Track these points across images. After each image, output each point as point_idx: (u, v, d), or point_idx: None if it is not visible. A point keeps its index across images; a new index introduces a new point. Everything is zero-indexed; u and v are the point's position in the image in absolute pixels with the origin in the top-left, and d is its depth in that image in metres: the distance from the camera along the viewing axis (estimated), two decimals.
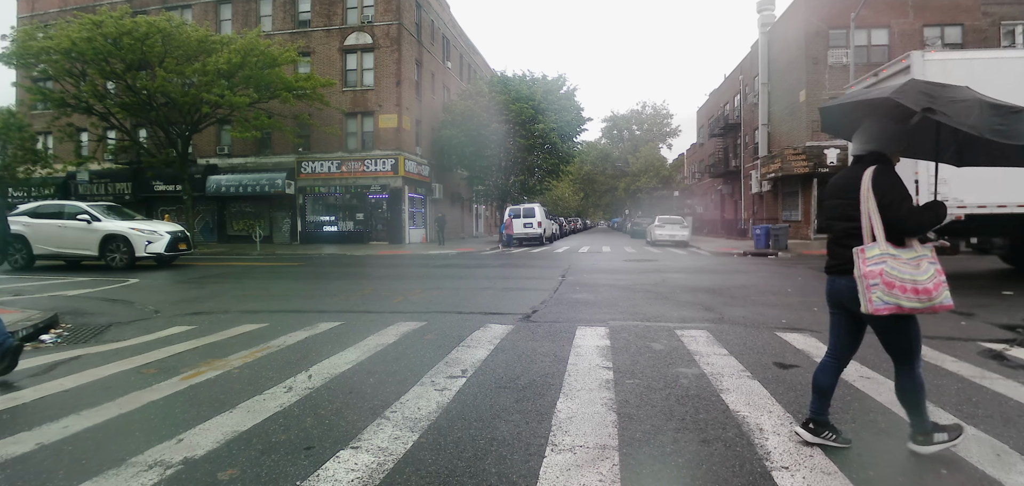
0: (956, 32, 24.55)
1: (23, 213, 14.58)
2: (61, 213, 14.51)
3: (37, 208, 14.78)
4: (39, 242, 14.10)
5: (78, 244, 14.18)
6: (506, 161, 32.01)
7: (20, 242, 13.94)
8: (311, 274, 12.34)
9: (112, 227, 14.23)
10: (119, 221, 14.66)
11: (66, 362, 4.57)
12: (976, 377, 3.83)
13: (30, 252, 14.08)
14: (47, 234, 14.15)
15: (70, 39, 19.48)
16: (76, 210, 14.50)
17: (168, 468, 2.49)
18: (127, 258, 13.99)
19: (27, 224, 14.15)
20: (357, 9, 27.61)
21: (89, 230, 14.11)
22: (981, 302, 7.20)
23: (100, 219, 14.32)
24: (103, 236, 14.09)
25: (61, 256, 14.37)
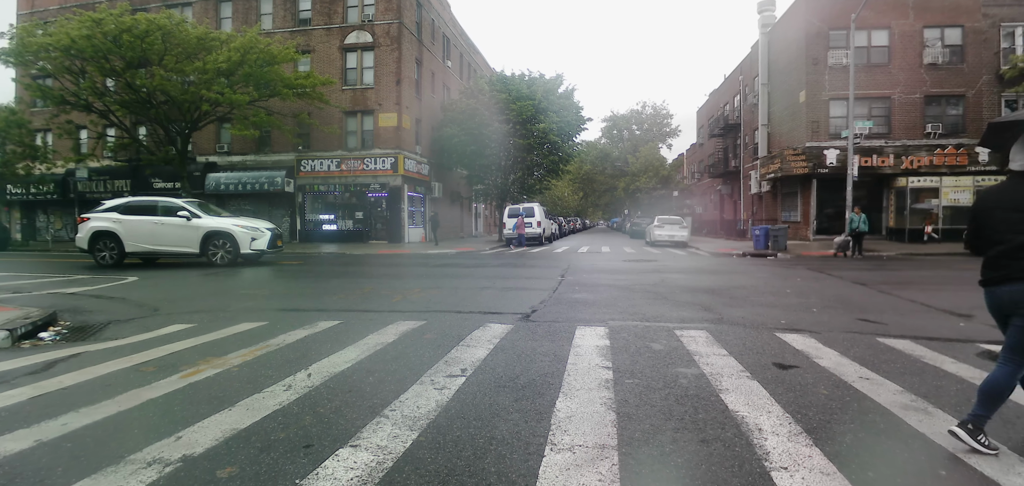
0: (956, 33, 24.57)
1: (111, 209, 14.43)
2: (154, 209, 14.41)
3: (127, 204, 14.58)
4: (132, 239, 13.97)
5: (177, 241, 14.09)
6: (506, 160, 32.00)
7: (110, 239, 13.89)
8: (310, 273, 12.33)
9: (215, 224, 14.23)
10: (217, 218, 14.63)
11: (65, 359, 4.56)
12: (975, 378, 3.83)
13: (122, 249, 13.95)
14: (142, 231, 14.03)
15: (70, 36, 19.46)
16: (172, 206, 14.44)
17: (167, 466, 2.49)
18: (231, 255, 14.06)
19: (117, 220, 14.02)
20: (357, 8, 27.59)
21: (189, 227, 14.06)
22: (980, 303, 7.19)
23: (200, 216, 14.28)
24: (206, 233, 14.07)
25: (157, 253, 14.30)
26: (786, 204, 27.95)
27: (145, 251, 14.16)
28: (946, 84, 24.57)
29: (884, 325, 5.81)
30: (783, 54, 28.42)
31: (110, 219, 14.05)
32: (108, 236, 13.93)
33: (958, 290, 8.69)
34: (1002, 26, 24.60)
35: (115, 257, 13.95)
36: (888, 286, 9.16)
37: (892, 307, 7.03)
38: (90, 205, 30.03)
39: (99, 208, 14.59)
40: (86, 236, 13.92)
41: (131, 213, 14.18)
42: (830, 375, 3.92)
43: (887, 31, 24.66)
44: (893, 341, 5.00)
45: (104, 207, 14.55)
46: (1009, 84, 23.83)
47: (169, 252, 14.25)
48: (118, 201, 14.90)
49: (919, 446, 2.71)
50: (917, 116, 24.61)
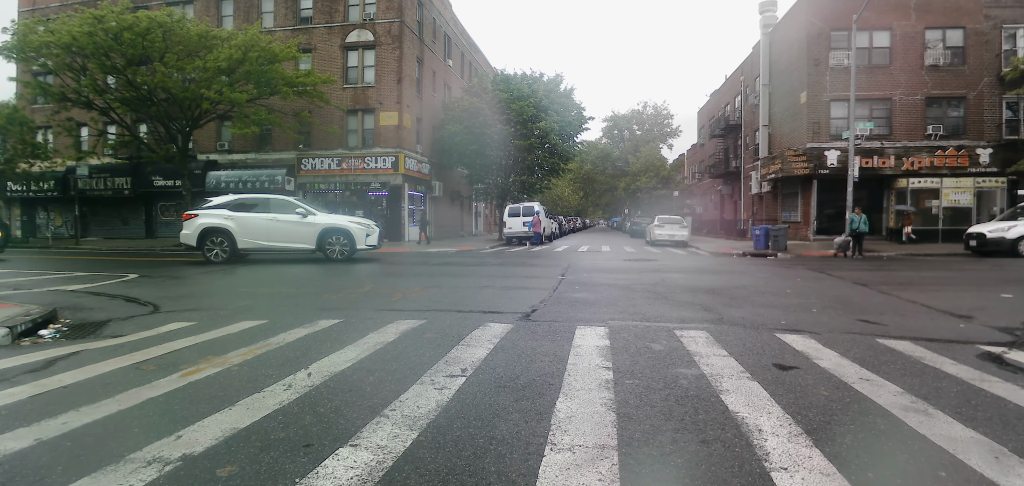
0: (957, 35, 24.58)
1: (220, 206, 14.67)
2: (268, 205, 14.73)
3: (238, 201, 14.89)
4: (246, 236, 14.28)
5: (293, 237, 14.43)
6: (506, 159, 32.00)
7: (222, 235, 14.17)
8: (310, 271, 12.33)
9: (331, 221, 14.68)
10: (331, 215, 15.17)
11: (65, 358, 4.56)
12: (975, 380, 3.83)
13: (234, 245, 14.24)
14: (256, 227, 14.34)
15: (71, 33, 19.48)
16: (285, 204, 14.83)
17: (167, 464, 2.49)
18: (347, 251, 14.52)
19: (229, 217, 14.32)
20: (359, 6, 27.60)
21: (305, 224, 14.41)
22: (980, 305, 7.20)
23: (315, 214, 14.68)
24: (323, 229, 14.45)
25: (271, 250, 14.62)
26: (786, 204, 27.96)
27: (259, 247, 14.53)
28: (947, 85, 24.57)
29: (884, 326, 5.81)
30: (784, 55, 28.41)
31: (221, 216, 14.35)
32: (220, 232, 14.21)
33: (958, 291, 8.69)
34: (1003, 28, 24.59)
35: (227, 253, 14.26)
36: (888, 287, 9.16)
37: (892, 308, 7.03)
38: (91, 203, 30.19)
39: (207, 205, 14.88)
40: (195, 232, 14.18)
41: (243, 210, 14.54)
42: (830, 376, 3.92)
43: (888, 32, 24.66)
44: (893, 342, 5.00)
45: (212, 204, 14.86)
46: (1010, 86, 23.82)
47: (283, 248, 14.61)
48: (227, 198, 15.23)
49: (919, 447, 2.71)
50: (918, 117, 24.61)
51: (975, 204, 24.05)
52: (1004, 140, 24.26)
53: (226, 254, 14.23)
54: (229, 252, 14.27)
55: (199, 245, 14.25)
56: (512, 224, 26.73)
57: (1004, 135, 24.38)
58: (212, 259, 14.15)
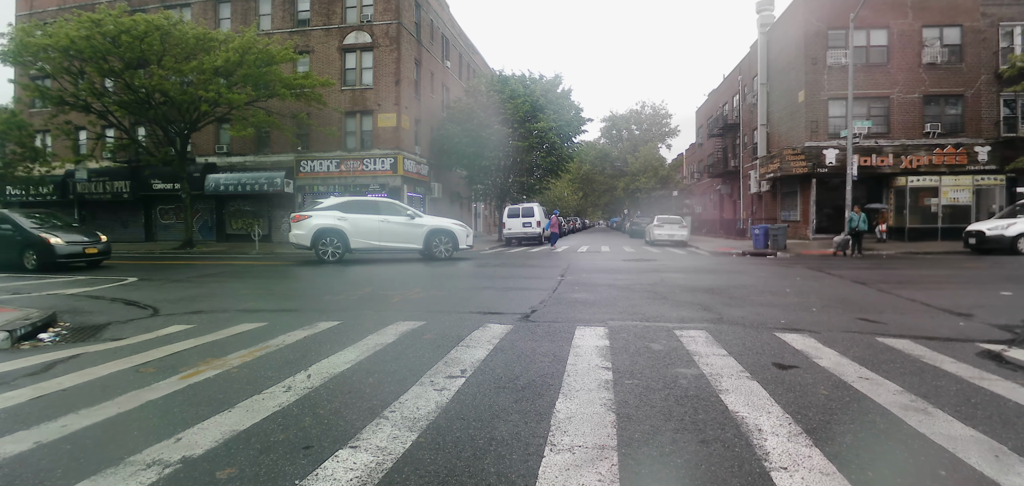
0: (955, 33, 24.61)
1: (331, 208, 15.32)
2: (377, 208, 15.64)
3: (348, 203, 15.68)
4: (358, 236, 15.01)
5: (401, 238, 15.33)
6: (505, 160, 32.01)
7: (335, 235, 14.86)
8: (310, 273, 12.33)
9: (437, 223, 15.78)
10: (436, 218, 16.43)
11: (64, 361, 4.56)
12: (975, 378, 3.83)
13: (347, 245, 14.97)
14: (367, 228, 15.10)
15: (69, 37, 19.46)
16: (394, 207, 15.81)
17: (166, 467, 2.49)
18: (451, 250, 15.48)
19: (342, 219, 14.99)
20: (356, 8, 27.59)
21: (414, 225, 15.39)
22: (979, 303, 7.21)
23: (421, 215, 15.83)
24: (429, 230, 15.42)
25: (380, 250, 15.45)
26: (785, 203, 27.99)
27: (370, 247, 15.29)
28: (945, 84, 24.60)
29: (884, 324, 5.81)
30: (782, 54, 28.44)
31: (334, 217, 14.98)
32: (333, 233, 14.81)
33: (958, 289, 8.70)
34: (1001, 26, 24.63)
35: (339, 253, 14.92)
36: (887, 285, 9.17)
37: (892, 306, 7.04)
38: (90, 206, 30.17)
39: (318, 207, 15.51)
40: (308, 233, 14.80)
41: (353, 211, 15.25)
42: (830, 375, 3.93)
43: (886, 31, 24.69)
44: (893, 341, 5.00)
45: (323, 206, 15.50)
46: (1008, 83, 23.85)
47: (392, 248, 15.44)
48: (337, 200, 15.92)
49: (919, 446, 2.71)
50: (916, 116, 24.64)
51: (974, 202, 24.08)
52: (1002, 138, 24.29)
53: (338, 254, 14.88)
54: (341, 252, 14.94)
55: (313, 245, 14.87)
56: (511, 225, 26.76)
57: (1002, 133, 24.42)
58: (325, 258, 14.80)
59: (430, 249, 15.38)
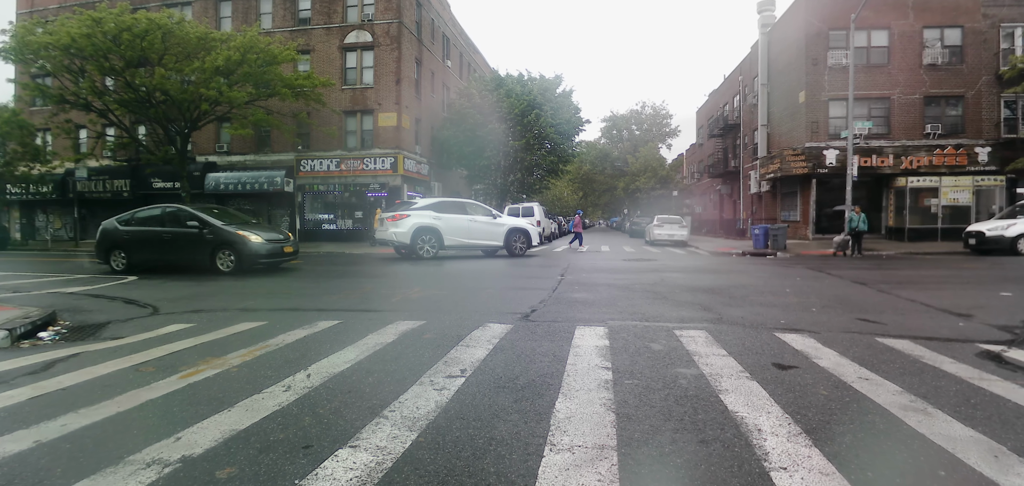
0: (956, 34, 24.60)
1: (426, 208, 16.21)
2: (465, 208, 16.85)
3: (440, 204, 16.69)
4: (450, 234, 16.01)
5: (486, 236, 16.55)
6: (505, 160, 32.03)
7: (432, 233, 15.73)
8: (310, 272, 12.33)
9: (515, 222, 17.13)
10: (512, 218, 17.90)
11: (64, 359, 4.56)
12: (974, 378, 3.83)
13: (442, 242, 15.90)
14: (458, 227, 16.18)
15: (70, 35, 19.45)
16: (478, 208, 17.10)
17: (166, 466, 2.49)
18: (525, 247, 16.81)
19: (436, 218, 15.94)
20: (357, 7, 27.58)
21: (496, 224, 16.61)
22: (979, 303, 7.21)
23: (500, 215, 17.15)
24: (508, 229, 16.68)
25: (468, 246, 16.65)
26: (785, 204, 27.98)
27: (459, 244, 16.32)
28: (945, 84, 24.59)
29: (883, 325, 5.81)
30: (783, 54, 28.42)
31: (430, 216, 15.87)
32: (430, 231, 15.67)
33: (958, 289, 8.70)
34: (1002, 27, 24.62)
35: (434, 250, 15.73)
36: (887, 285, 9.16)
37: (891, 307, 7.04)
38: (90, 205, 30.15)
39: (413, 206, 16.31)
40: (409, 231, 15.62)
41: (445, 211, 16.27)
42: (829, 375, 3.93)
43: (887, 31, 24.68)
44: (892, 341, 5.00)
45: (418, 206, 16.33)
46: (1008, 84, 23.84)
47: (479, 245, 16.62)
48: (430, 201, 16.97)
49: (918, 446, 2.71)
50: (917, 116, 24.63)
51: (974, 202, 24.07)
52: (1003, 138, 24.28)
53: (433, 251, 15.67)
54: (436, 249, 15.74)
55: (412, 242, 15.61)
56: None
57: (1003, 133, 24.41)
58: (422, 255, 15.57)
59: (510, 245, 16.54)
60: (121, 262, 12.63)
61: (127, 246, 12.60)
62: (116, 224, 12.90)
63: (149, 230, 12.60)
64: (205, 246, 12.10)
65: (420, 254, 15.49)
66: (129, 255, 12.59)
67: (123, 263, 12.63)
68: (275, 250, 12.47)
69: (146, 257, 12.65)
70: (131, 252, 12.59)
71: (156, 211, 13.07)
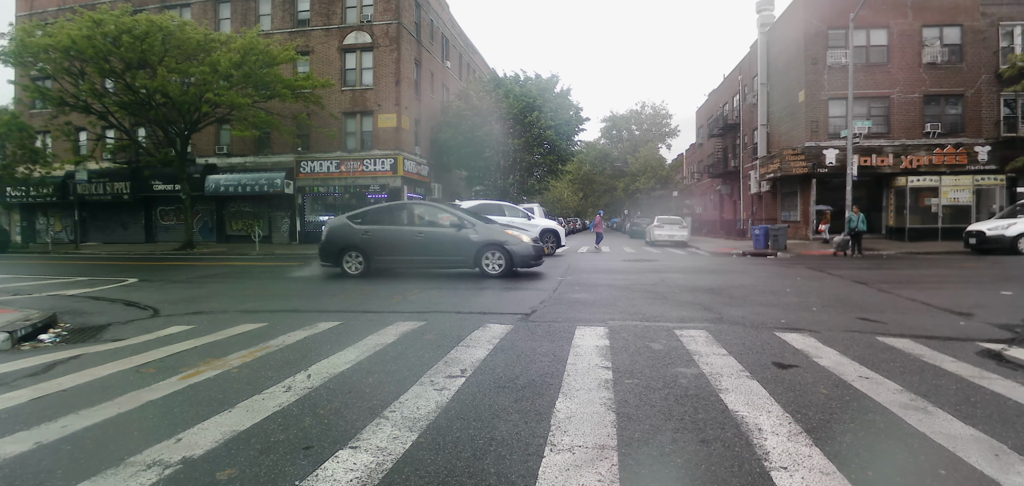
0: (955, 33, 24.59)
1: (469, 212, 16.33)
2: (502, 211, 17.69)
3: (482, 206, 17.56)
4: None
5: None
6: (504, 161, 32.05)
7: None
8: (310, 273, 12.32)
9: (545, 223, 18.21)
10: (545, 219, 18.90)
11: (65, 361, 4.56)
12: (975, 377, 3.83)
13: None
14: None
15: (70, 37, 19.46)
16: (516, 211, 18.07)
17: (167, 467, 2.49)
18: (555, 246, 17.90)
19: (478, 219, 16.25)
20: (356, 8, 27.59)
21: (531, 225, 17.41)
22: (980, 302, 7.21)
23: (534, 216, 18.10)
24: (541, 229, 17.56)
25: None
26: (785, 204, 27.97)
27: None
28: (945, 83, 24.59)
29: (884, 324, 5.81)
30: (782, 54, 28.43)
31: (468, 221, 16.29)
32: None
33: (958, 289, 8.70)
34: (1001, 25, 24.62)
35: None
36: (888, 285, 9.16)
37: (892, 306, 7.04)
38: (90, 207, 30.18)
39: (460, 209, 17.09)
40: None
41: (487, 214, 16.67)
42: (830, 374, 3.93)
43: (886, 30, 24.68)
44: (893, 340, 5.00)
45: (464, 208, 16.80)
46: (1008, 83, 23.84)
47: None
48: (472, 203, 17.64)
49: (919, 445, 2.71)
50: (916, 115, 24.63)
51: (974, 202, 24.06)
52: (1002, 137, 24.28)
53: None
54: None
55: None
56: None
57: (1002, 132, 24.41)
58: None
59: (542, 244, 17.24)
60: (357, 265, 11.27)
61: (366, 247, 11.22)
62: (348, 222, 11.56)
63: (393, 229, 11.32)
64: (469, 247, 11.02)
65: None
66: (368, 257, 11.25)
67: (359, 266, 11.27)
68: (540, 251, 11.68)
69: (391, 259, 11.28)
70: (371, 254, 11.23)
71: (394, 208, 12.10)
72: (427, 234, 11.13)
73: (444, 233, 11.15)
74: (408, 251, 11.09)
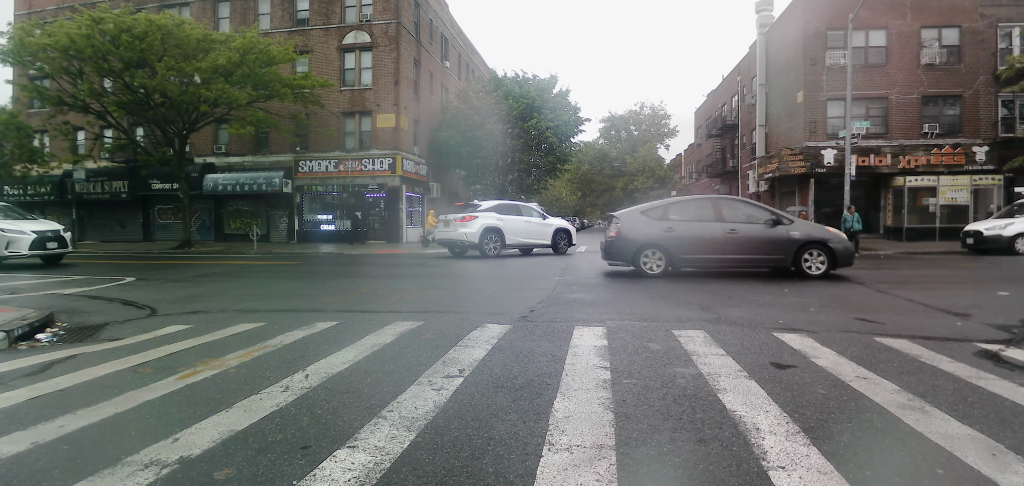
0: (953, 34, 24.66)
1: (489, 210, 17.37)
2: (519, 210, 18.25)
3: (500, 206, 17.91)
4: (510, 234, 17.30)
5: (538, 236, 17.99)
6: (503, 160, 32.05)
7: (496, 234, 16.92)
8: (308, 273, 12.31)
9: (559, 223, 18.71)
10: (557, 219, 19.29)
11: (61, 361, 4.55)
12: (972, 377, 3.84)
13: (504, 241, 17.09)
14: (516, 228, 17.54)
15: (69, 36, 19.43)
16: (531, 210, 18.67)
17: (164, 467, 2.48)
18: (567, 245, 18.47)
19: (499, 219, 17.17)
20: (355, 8, 27.59)
21: (545, 225, 18.24)
22: (977, 302, 7.22)
23: (547, 217, 18.66)
24: (555, 229, 18.22)
25: (525, 245, 17.92)
26: (784, 204, 28.01)
27: (517, 243, 17.59)
28: (943, 84, 24.65)
29: (881, 324, 5.82)
30: (781, 54, 28.47)
31: (494, 218, 17.03)
32: (495, 231, 16.84)
33: (955, 289, 8.71)
34: (999, 26, 24.69)
35: (498, 249, 16.89)
36: (885, 285, 9.18)
37: (889, 306, 7.04)
38: (88, 206, 30.16)
39: (479, 208, 17.37)
40: (478, 231, 16.65)
41: (505, 214, 17.52)
42: (827, 374, 3.93)
43: (885, 31, 24.73)
44: (890, 340, 5.01)
45: (483, 208, 17.39)
46: (1006, 84, 23.91)
47: (533, 244, 17.93)
48: (491, 203, 18.00)
49: (916, 445, 2.72)
50: (915, 116, 24.68)
51: (972, 202, 24.12)
52: (1000, 138, 24.35)
53: (497, 250, 16.86)
54: (500, 247, 16.91)
55: (480, 241, 16.67)
56: None
57: (1000, 133, 24.48)
58: (487, 253, 16.69)
59: (556, 243, 18.05)
60: (657, 264, 10.65)
61: (668, 245, 10.59)
62: (644, 217, 10.93)
63: (701, 225, 10.63)
64: (788, 245, 10.36)
65: (486, 253, 16.63)
66: (671, 256, 10.62)
67: (659, 266, 10.66)
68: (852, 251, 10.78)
69: (699, 258, 10.63)
70: (675, 253, 10.60)
71: (695, 202, 11.35)
72: (742, 231, 10.43)
73: (759, 230, 10.46)
74: (719, 250, 10.42)
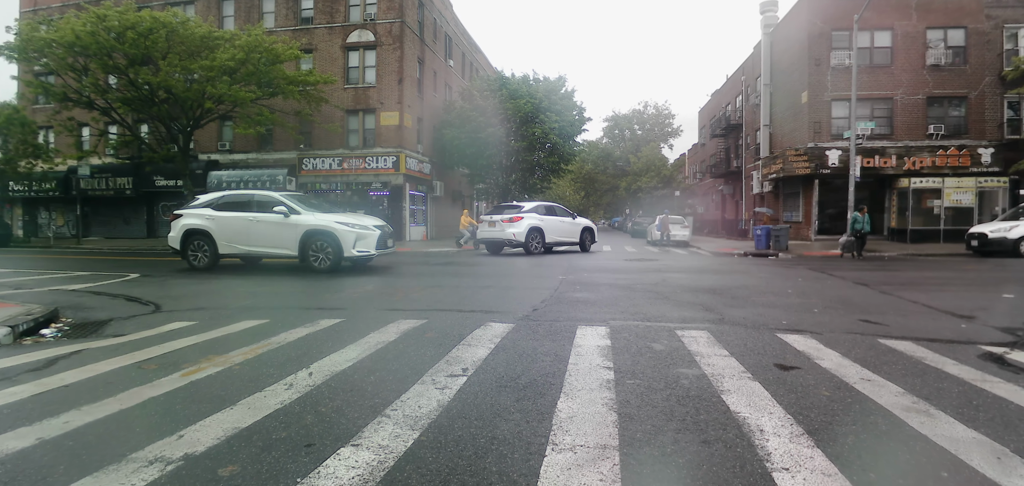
0: (959, 35, 24.54)
1: (532, 211, 18.21)
2: (554, 211, 19.09)
3: (537, 207, 18.86)
4: (549, 233, 18.23)
5: (569, 234, 18.96)
6: (506, 160, 32.06)
7: (539, 233, 17.83)
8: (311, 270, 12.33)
9: (585, 222, 19.49)
10: (583, 218, 19.92)
11: (66, 357, 4.57)
12: (977, 380, 3.82)
13: (544, 240, 18.03)
14: (553, 227, 18.42)
15: (74, 32, 19.50)
16: (564, 211, 19.27)
17: (168, 464, 2.49)
18: (590, 242, 19.49)
19: (541, 220, 18.16)
20: (359, 6, 27.61)
21: (574, 224, 18.94)
22: (982, 305, 7.19)
23: (576, 217, 19.61)
24: (582, 228, 19.45)
25: (557, 242, 18.77)
26: (788, 204, 27.94)
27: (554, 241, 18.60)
28: (949, 85, 24.53)
29: (886, 326, 5.80)
30: (785, 54, 28.38)
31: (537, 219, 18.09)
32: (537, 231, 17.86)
33: (960, 291, 8.68)
34: (1005, 28, 24.55)
35: (540, 246, 17.86)
36: (890, 287, 9.14)
37: (894, 308, 7.02)
38: (92, 202, 30.26)
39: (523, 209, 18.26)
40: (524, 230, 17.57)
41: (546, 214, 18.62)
42: (832, 376, 3.92)
43: (890, 32, 24.63)
44: (895, 342, 4.99)
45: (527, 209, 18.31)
46: (1011, 85, 23.78)
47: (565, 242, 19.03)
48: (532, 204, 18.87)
49: (921, 448, 2.71)
50: (919, 117, 24.58)
51: (977, 204, 24.01)
52: (1006, 140, 24.22)
53: (540, 248, 17.80)
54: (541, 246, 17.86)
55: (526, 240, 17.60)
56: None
57: (1006, 135, 24.34)
58: (533, 251, 17.66)
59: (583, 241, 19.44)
60: None
61: None
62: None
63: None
64: None
65: (530, 250, 17.52)
66: None
67: None
68: None
69: None
70: None
71: None
72: None
73: None
74: None
